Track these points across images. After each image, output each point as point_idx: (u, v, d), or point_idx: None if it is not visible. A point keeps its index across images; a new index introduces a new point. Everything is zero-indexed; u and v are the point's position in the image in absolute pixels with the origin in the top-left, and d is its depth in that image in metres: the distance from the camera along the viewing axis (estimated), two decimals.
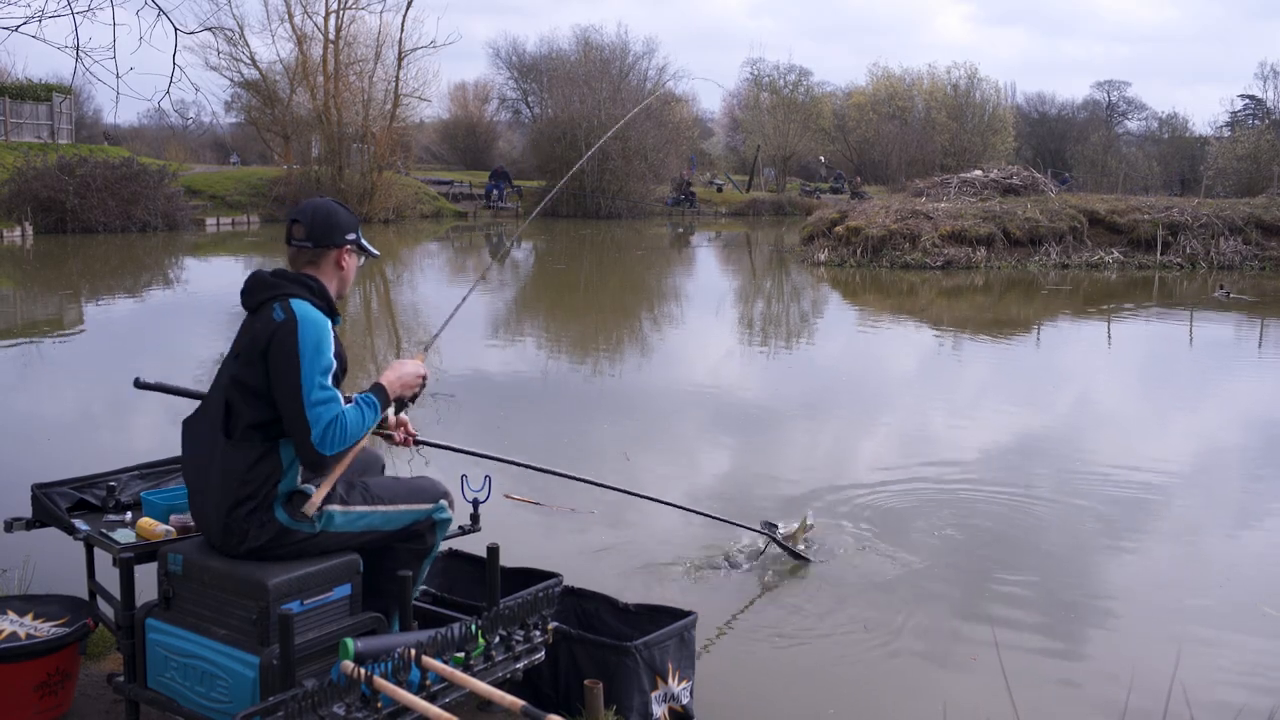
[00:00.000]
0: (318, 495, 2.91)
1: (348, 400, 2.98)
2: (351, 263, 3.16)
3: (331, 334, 2.97)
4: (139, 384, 3.60)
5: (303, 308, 2.94)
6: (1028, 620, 4.87)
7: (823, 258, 22.96)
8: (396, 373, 3.15)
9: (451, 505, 3.28)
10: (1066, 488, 6.87)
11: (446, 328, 3.53)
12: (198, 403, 3.16)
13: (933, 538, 5.86)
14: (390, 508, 3.10)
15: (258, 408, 2.90)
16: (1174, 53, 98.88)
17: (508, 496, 6.30)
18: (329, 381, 2.90)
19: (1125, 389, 10.86)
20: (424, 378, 3.22)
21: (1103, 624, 4.87)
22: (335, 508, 2.98)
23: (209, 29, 23.52)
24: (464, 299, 3.75)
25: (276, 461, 2.91)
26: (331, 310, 3.04)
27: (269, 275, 3.05)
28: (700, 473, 7.19)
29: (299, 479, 2.95)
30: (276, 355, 2.88)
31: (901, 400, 9.92)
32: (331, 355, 2.93)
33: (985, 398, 10.20)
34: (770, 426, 8.58)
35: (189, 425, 3.07)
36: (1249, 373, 11.73)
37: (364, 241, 3.20)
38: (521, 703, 2.45)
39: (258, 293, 3.02)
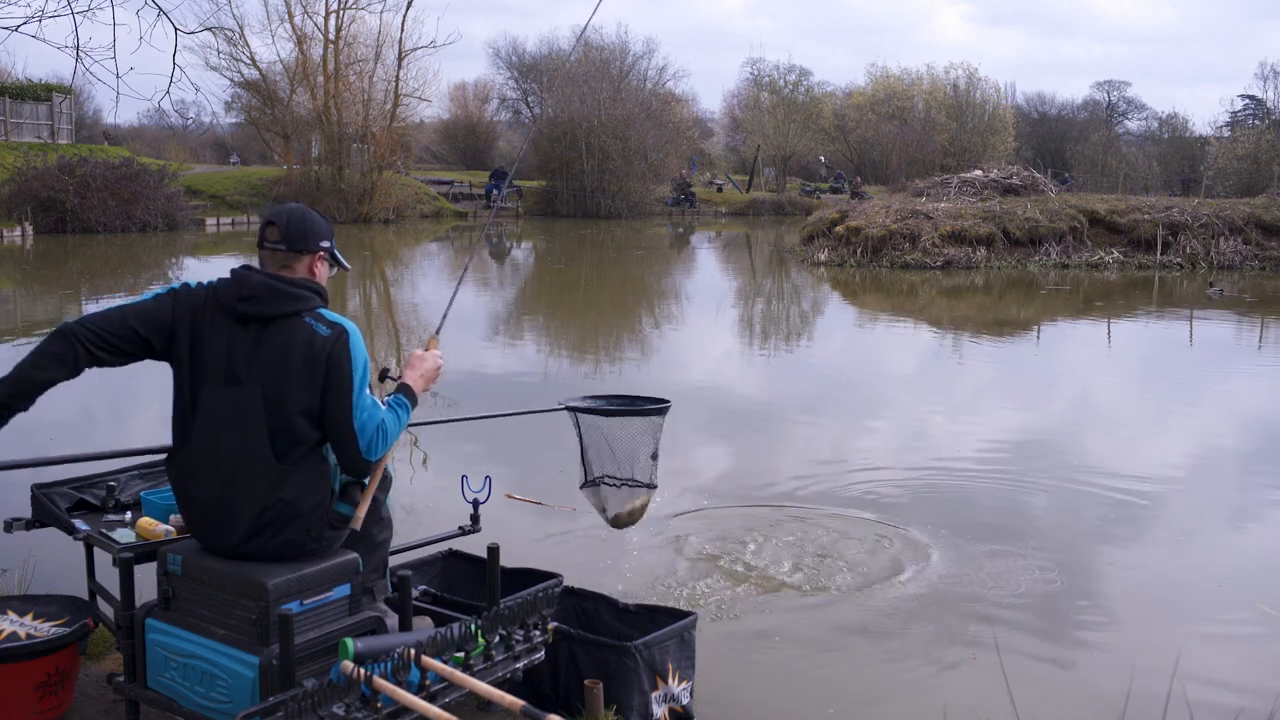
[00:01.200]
0: (360, 510, 2.98)
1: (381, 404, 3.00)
2: (322, 271, 3.08)
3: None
4: None
5: (340, 318, 2.94)
6: (1027, 620, 4.87)
7: (823, 258, 22.96)
8: (419, 370, 3.14)
9: None
10: (1065, 488, 6.87)
11: (447, 321, 3.52)
12: None
13: (932, 537, 5.86)
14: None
15: (315, 426, 2.89)
16: (1172, 53, 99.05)
17: (509, 496, 6.31)
18: (369, 391, 2.93)
19: (1125, 389, 10.86)
20: (441, 368, 3.23)
21: (1102, 624, 4.87)
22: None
23: (209, 29, 23.57)
24: (461, 277, 3.75)
25: (328, 465, 2.96)
26: None
27: (279, 282, 2.91)
28: (698, 469, 7.18)
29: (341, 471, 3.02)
30: (333, 368, 2.86)
31: (900, 400, 9.92)
32: (368, 362, 2.97)
33: (984, 397, 10.20)
34: (769, 425, 8.57)
35: (187, 460, 2.94)
36: (1247, 372, 11.73)
37: (337, 253, 3.13)
38: (521, 703, 2.45)
39: (272, 303, 2.88)
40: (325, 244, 3.07)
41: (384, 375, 3.12)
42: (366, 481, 3.04)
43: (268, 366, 2.85)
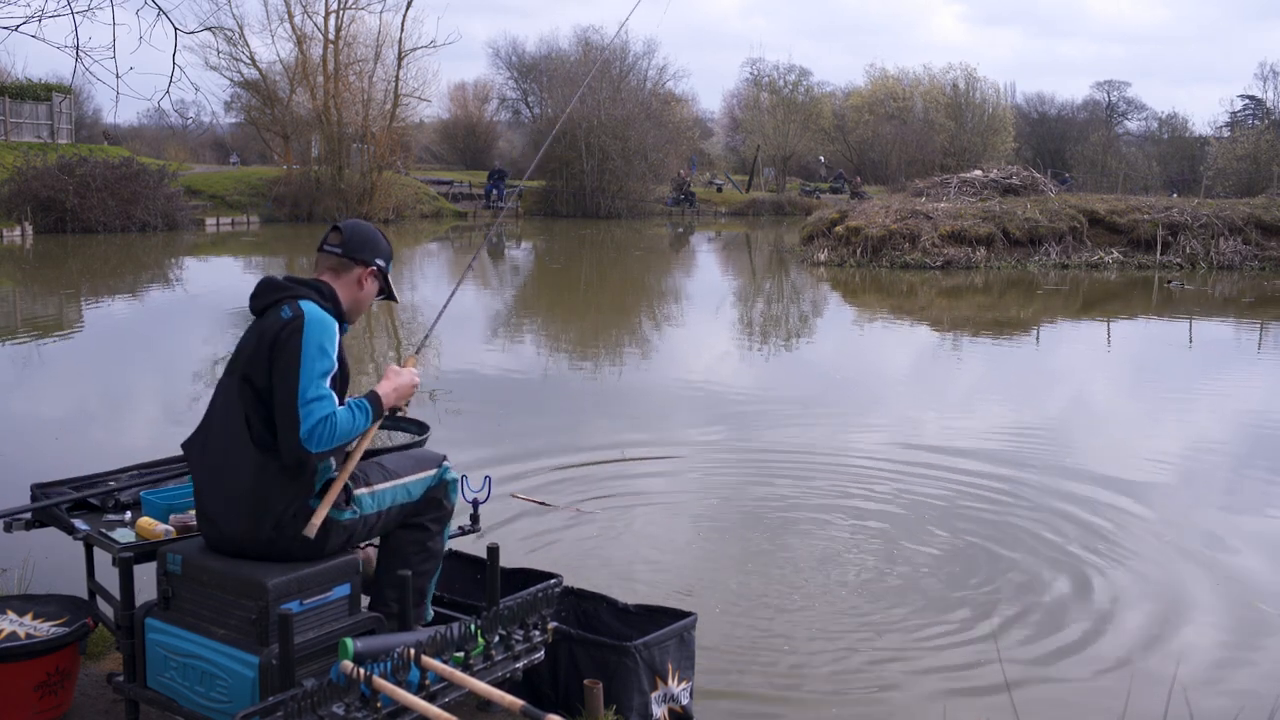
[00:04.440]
0: (317, 517, 2.90)
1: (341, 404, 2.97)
2: (371, 288, 3.17)
3: (337, 337, 2.97)
4: None
5: (310, 308, 2.96)
6: (1027, 621, 4.87)
7: (823, 258, 22.96)
8: (393, 383, 3.14)
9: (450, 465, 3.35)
10: (1063, 487, 6.87)
11: (442, 327, 3.53)
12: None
13: (932, 538, 5.86)
14: (409, 478, 3.17)
15: (268, 409, 2.91)
16: (1169, 54, 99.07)
17: (514, 496, 6.32)
18: (326, 383, 2.90)
19: (1122, 389, 10.87)
20: (416, 386, 3.23)
21: (1101, 624, 4.87)
22: (362, 492, 3.04)
23: (209, 29, 23.61)
24: (450, 296, 3.75)
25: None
26: (339, 316, 3.05)
27: (280, 279, 3.07)
28: (696, 469, 7.19)
29: (333, 468, 2.98)
30: (280, 351, 2.89)
31: (899, 400, 9.92)
32: (334, 358, 2.93)
33: (982, 397, 10.20)
34: (768, 424, 8.57)
35: (195, 446, 3.04)
36: (1246, 372, 11.73)
37: (390, 278, 3.23)
38: (521, 703, 2.45)
39: (266, 295, 3.03)
40: (380, 262, 3.18)
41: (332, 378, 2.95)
42: (334, 474, 2.99)
43: (248, 352, 2.96)
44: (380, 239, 3.22)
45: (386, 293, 3.24)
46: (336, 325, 2.99)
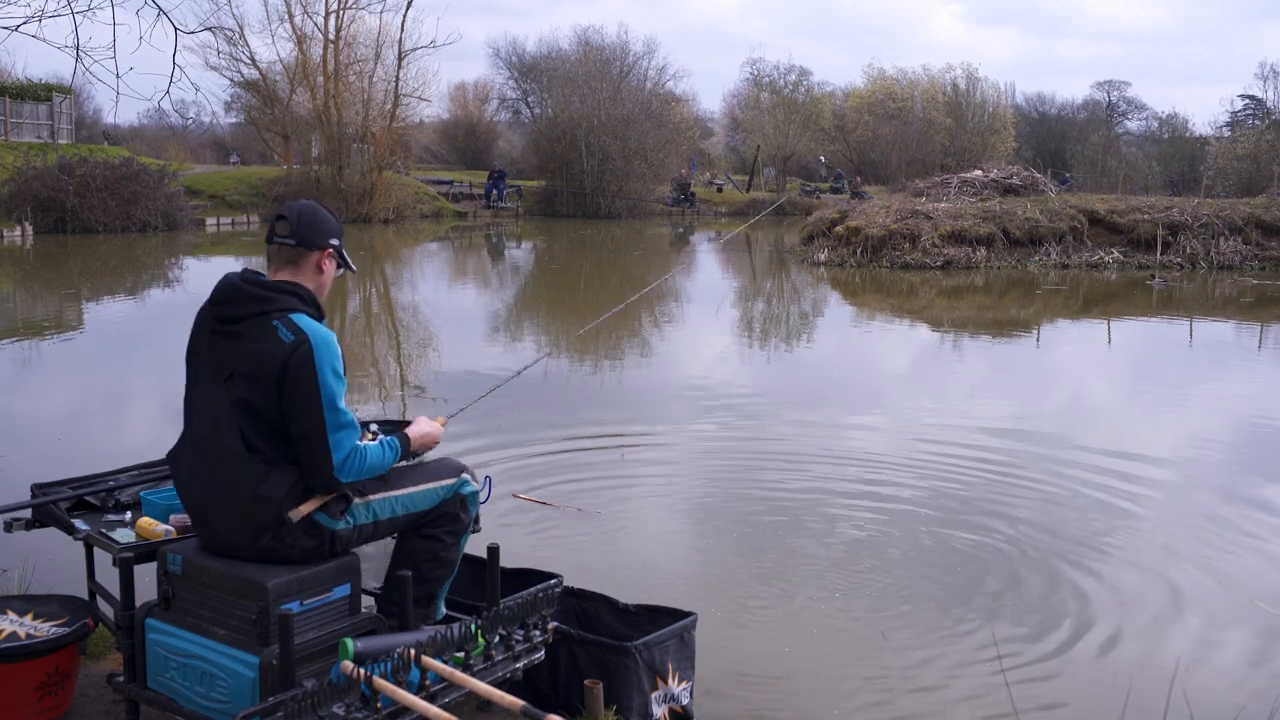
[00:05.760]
0: (305, 506, 2.88)
1: (364, 425, 2.97)
2: (330, 269, 3.08)
3: (339, 349, 2.94)
4: None
5: (310, 326, 2.88)
6: (1027, 621, 4.87)
7: (823, 258, 22.96)
8: (422, 430, 3.17)
9: (474, 478, 3.30)
10: (1063, 487, 6.87)
11: (443, 326, 3.53)
12: None
13: (932, 538, 5.86)
14: (413, 489, 3.13)
15: (275, 429, 2.87)
16: (1167, 54, 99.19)
17: (516, 495, 6.32)
18: (344, 404, 2.89)
19: (1122, 388, 10.87)
20: (438, 443, 3.26)
21: (1101, 624, 4.87)
22: (356, 502, 3.01)
23: (209, 29, 23.57)
24: (518, 374, 3.72)
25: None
26: (320, 318, 3.01)
27: (251, 285, 2.92)
28: (695, 470, 7.19)
29: None
30: (295, 382, 2.82)
31: (897, 398, 9.92)
32: (343, 374, 2.91)
33: (981, 397, 10.19)
34: (769, 424, 8.57)
35: (182, 456, 3.00)
36: (1245, 372, 11.73)
37: (345, 253, 3.13)
38: (521, 703, 2.45)
39: (241, 305, 2.90)
40: (334, 241, 3.08)
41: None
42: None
43: (235, 365, 2.88)
44: (327, 217, 3.08)
45: (345, 265, 3.15)
46: (334, 337, 2.95)
